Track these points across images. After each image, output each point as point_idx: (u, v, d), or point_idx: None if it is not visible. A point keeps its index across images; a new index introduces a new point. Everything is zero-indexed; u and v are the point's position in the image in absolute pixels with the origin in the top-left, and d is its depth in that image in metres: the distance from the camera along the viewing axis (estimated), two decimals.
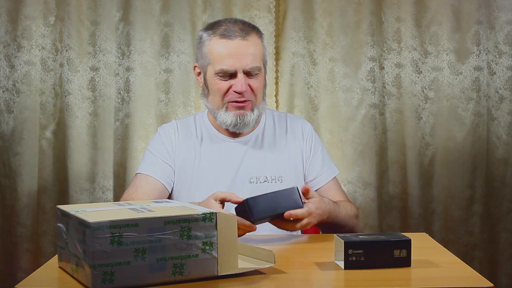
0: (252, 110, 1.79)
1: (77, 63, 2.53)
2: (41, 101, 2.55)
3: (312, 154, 1.90)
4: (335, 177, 1.93)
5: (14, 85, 2.53)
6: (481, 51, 2.57)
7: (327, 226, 1.77)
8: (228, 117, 1.79)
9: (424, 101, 2.58)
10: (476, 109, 2.58)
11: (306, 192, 1.63)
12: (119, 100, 2.55)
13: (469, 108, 2.58)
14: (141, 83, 2.53)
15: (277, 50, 2.58)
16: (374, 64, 2.56)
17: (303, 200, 1.59)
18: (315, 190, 1.87)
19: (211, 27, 1.81)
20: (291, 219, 1.59)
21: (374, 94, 2.56)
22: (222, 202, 1.59)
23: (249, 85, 1.77)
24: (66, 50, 2.53)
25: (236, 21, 1.81)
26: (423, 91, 2.58)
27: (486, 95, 2.58)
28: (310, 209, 1.61)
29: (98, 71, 2.54)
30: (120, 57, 2.54)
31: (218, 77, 1.77)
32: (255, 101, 1.80)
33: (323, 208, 1.67)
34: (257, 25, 1.89)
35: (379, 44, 2.57)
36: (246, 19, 2.50)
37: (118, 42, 2.54)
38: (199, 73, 1.86)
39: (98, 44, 2.54)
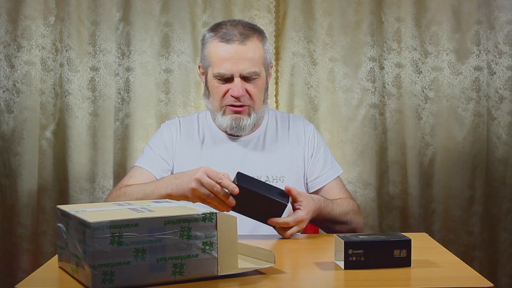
0: (249, 114, 1.80)
1: (77, 63, 2.53)
2: (41, 101, 2.55)
3: (314, 154, 1.89)
4: (338, 176, 1.92)
5: (14, 85, 2.53)
6: (481, 51, 2.57)
7: (321, 222, 1.77)
8: (224, 120, 1.80)
9: (424, 101, 2.58)
10: (476, 109, 2.58)
11: (288, 192, 1.62)
12: (119, 100, 2.55)
13: (469, 108, 2.58)
14: (141, 83, 2.53)
15: (277, 50, 2.58)
16: (374, 64, 2.56)
17: (290, 201, 1.61)
18: (317, 190, 1.88)
19: (214, 28, 1.81)
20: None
21: (374, 94, 2.56)
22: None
23: (247, 90, 1.77)
24: (66, 50, 2.53)
25: (237, 24, 1.80)
26: (423, 91, 2.58)
27: (486, 95, 2.58)
28: (298, 217, 1.62)
29: (98, 71, 2.54)
30: (120, 57, 2.54)
31: (216, 80, 1.78)
32: (253, 106, 1.80)
33: (312, 209, 1.66)
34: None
35: (379, 44, 2.57)
36: (246, 19, 2.52)
37: (118, 42, 2.54)
38: (202, 73, 1.87)
39: (98, 44, 2.54)
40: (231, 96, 1.77)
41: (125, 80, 2.53)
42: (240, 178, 1.56)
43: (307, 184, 1.88)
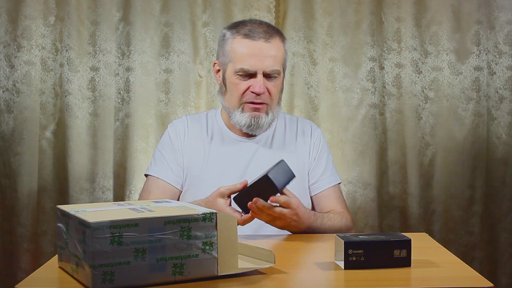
0: (267, 113, 1.81)
1: (77, 63, 2.53)
2: (41, 101, 2.55)
3: (317, 158, 1.90)
4: (337, 186, 1.92)
5: (14, 85, 2.53)
6: (481, 51, 2.57)
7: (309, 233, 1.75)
8: (243, 118, 1.80)
9: (424, 101, 2.58)
10: (476, 109, 2.58)
11: (276, 201, 1.61)
12: (119, 100, 2.55)
13: (469, 108, 2.58)
14: (141, 83, 2.53)
15: None
16: (374, 64, 2.56)
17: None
18: (314, 195, 1.88)
19: (235, 26, 1.83)
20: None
21: (374, 94, 2.56)
22: (229, 197, 1.60)
23: (267, 88, 1.78)
24: (66, 50, 2.53)
25: (261, 23, 1.82)
26: (423, 91, 2.58)
27: (486, 95, 2.58)
28: (289, 200, 1.60)
29: (98, 71, 2.54)
30: (120, 57, 2.54)
31: (238, 76, 1.79)
32: (271, 105, 1.81)
33: (302, 206, 1.65)
34: None
35: (379, 44, 2.57)
36: (246, 19, 2.52)
37: (118, 42, 2.54)
38: (218, 70, 1.87)
39: (98, 44, 2.54)
40: (252, 92, 1.77)
41: (125, 80, 2.53)
42: (239, 198, 1.59)
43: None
